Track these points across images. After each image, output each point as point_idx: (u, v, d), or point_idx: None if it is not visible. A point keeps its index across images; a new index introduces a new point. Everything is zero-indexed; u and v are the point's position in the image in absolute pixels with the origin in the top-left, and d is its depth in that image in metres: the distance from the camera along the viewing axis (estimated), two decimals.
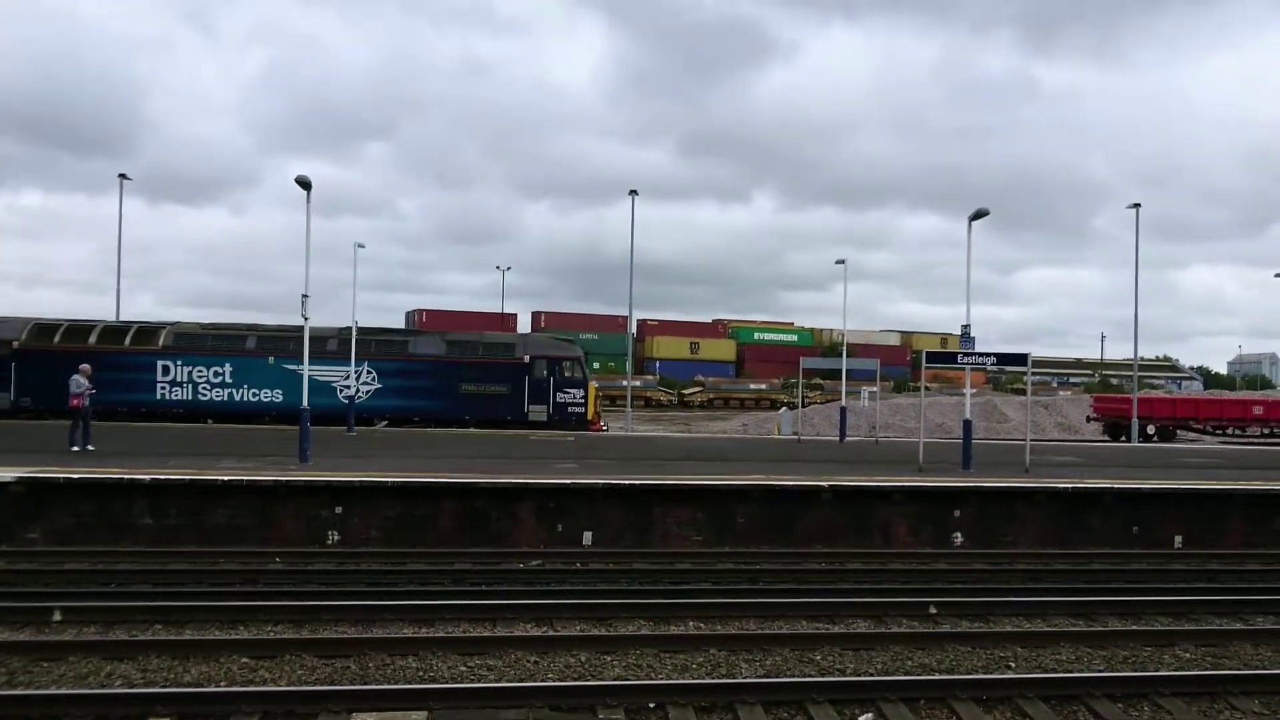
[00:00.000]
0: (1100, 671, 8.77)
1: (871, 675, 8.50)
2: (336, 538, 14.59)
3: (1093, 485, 16.58)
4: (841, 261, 31.59)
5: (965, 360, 20.23)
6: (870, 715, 7.50)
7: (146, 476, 14.48)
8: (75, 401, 18.98)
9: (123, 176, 42.04)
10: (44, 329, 29.20)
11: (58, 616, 9.61)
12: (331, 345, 29.54)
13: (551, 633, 9.60)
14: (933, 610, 10.76)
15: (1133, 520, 16.27)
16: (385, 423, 30.02)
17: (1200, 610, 11.28)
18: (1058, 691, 8.00)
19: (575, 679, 8.19)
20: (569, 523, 15.04)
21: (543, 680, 8.11)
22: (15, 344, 28.89)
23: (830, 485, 15.72)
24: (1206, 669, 8.94)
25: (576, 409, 30.72)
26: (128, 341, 29.30)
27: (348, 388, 28.78)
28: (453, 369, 30.49)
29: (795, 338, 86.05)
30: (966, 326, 21.14)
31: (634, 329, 51.35)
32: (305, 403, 18.72)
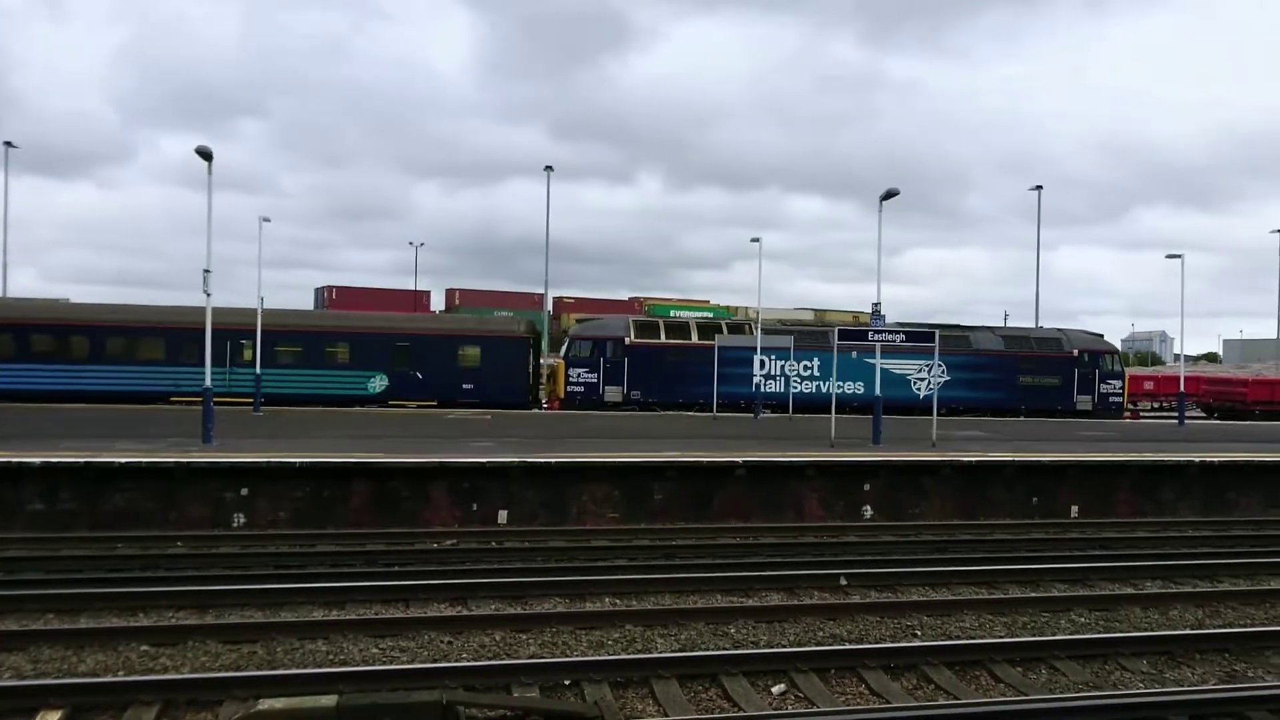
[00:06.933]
0: (1001, 637, 9.08)
1: (784, 647, 8.63)
2: (243, 520, 14.16)
3: (995, 458, 17.14)
4: (756, 239, 31.91)
5: (876, 337, 20.68)
6: (783, 686, 7.63)
7: (36, 459, 13.81)
8: None
9: (8, 144, 39.89)
10: (645, 326, 31.00)
11: None
12: (901, 339, 30.29)
13: (466, 612, 9.50)
14: (843, 582, 11.00)
15: (1033, 491, 16.89)
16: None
17: (1095, 577, 11.78)
18: (962, 658, 8.26)
19: (490, 658, 8.13)
20: (484, 502, 14.89)
21: (456, 660, 8.02)
22: (627, 340, 30.12)
23: (744, 461, 15.90)
24: (1099, 633, 9.34)
25: (1116, 399, 32.69)
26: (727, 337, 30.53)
27: (922, 380, 30.55)
28: (1011, 363, 32.07)
29: (712, 315, 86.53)
30: (877, 304, 21.60)
31: (550, 306, 51.02)
32: (208, 381, 18.06)
